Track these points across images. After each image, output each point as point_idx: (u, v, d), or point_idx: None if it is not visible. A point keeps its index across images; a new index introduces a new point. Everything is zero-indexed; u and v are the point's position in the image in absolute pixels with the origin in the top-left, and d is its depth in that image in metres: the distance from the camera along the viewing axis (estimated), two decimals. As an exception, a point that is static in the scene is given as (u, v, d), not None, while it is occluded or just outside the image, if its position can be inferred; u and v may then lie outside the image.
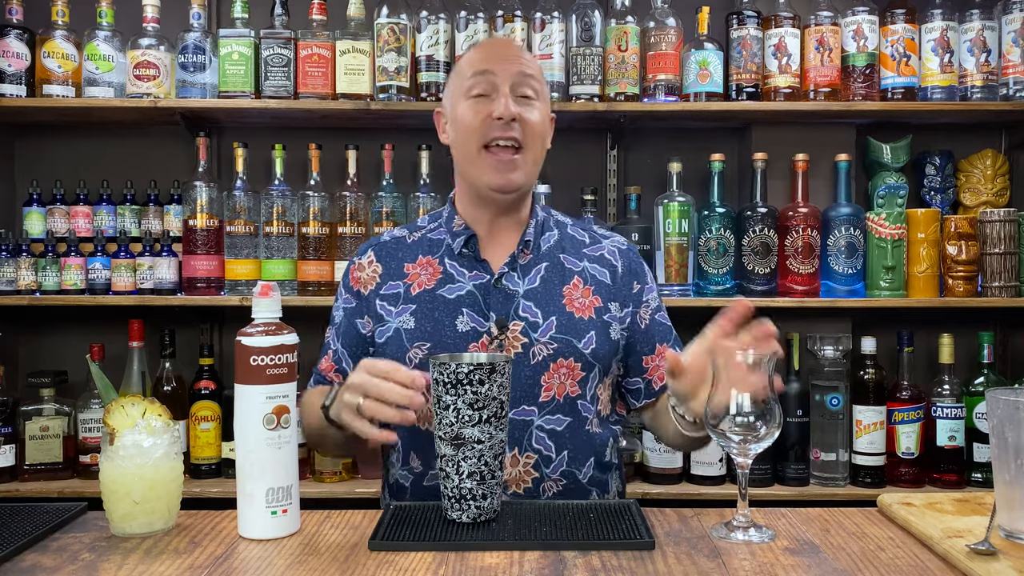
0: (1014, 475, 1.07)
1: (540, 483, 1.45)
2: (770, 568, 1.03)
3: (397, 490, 1.52)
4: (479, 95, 1.46)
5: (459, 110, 1.49)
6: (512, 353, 1.45)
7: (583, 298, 1.51)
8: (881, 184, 2.57)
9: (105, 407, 1.17)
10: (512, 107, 1.44)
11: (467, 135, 1.47)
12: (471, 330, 1.46)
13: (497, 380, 1.16)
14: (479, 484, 1.16)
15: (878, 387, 2.42)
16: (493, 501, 1.18)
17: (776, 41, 2.45)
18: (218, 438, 2.44)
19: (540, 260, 1.52)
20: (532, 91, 1.47)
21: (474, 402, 1.15)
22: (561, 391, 1.46)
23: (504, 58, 1.48)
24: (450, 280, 1.50)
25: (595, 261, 1.56)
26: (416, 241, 1.57)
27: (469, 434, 1.15)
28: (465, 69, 1.50)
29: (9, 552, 1.06)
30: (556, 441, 1.45)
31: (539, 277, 1.51)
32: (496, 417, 1.16)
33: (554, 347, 1.45)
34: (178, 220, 2.51)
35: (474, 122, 1.46)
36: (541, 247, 1.54)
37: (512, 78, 1.46)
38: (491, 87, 1.46)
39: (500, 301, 1.47)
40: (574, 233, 1.59)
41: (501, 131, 1.44)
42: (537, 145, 1.49)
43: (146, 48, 2.41)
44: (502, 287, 1.48)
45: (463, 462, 1.15)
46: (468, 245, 1.51)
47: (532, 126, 1.46)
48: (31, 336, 2.67)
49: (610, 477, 1.54)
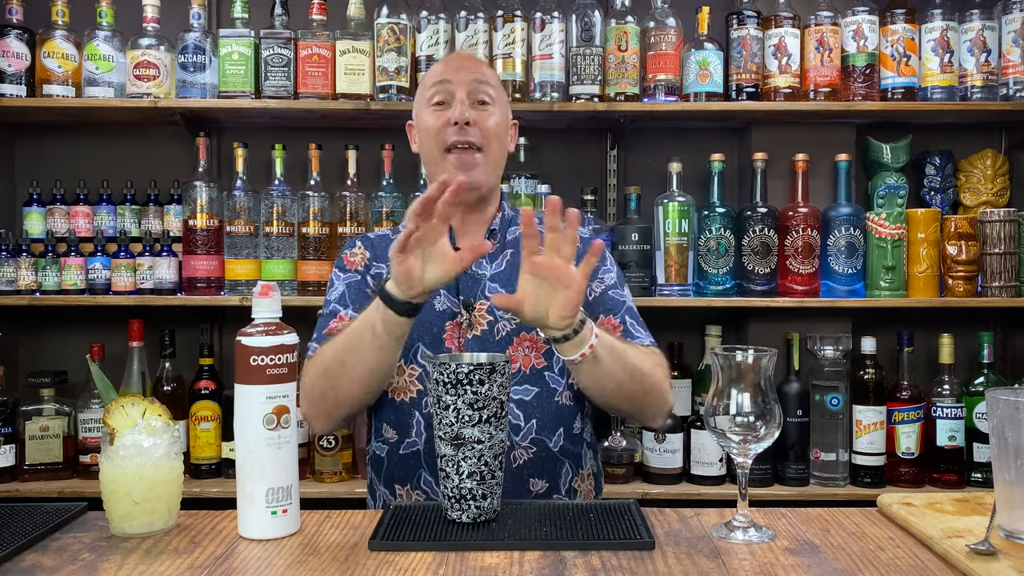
0: (1014, 475, 1.07)
1: (511, 451, 1.50)
2: (770, 568, 1.03)
3: (376, 462, 1.60)
4: (438, 103, 1.58)
5: (422, 117, 1.61)
6: (479, 331, 1.53)
7: None
8: (881, 184, 2.57)
9: (105, 407, 1.17)
10: (467, 112, 1.55)
11: (429, 140, 1.59)
12: (446, 309, 1.56)
13: (497, 380, 1.16)
14: (479, 484, 1.16)
15: (878, 387, 2.42)
16: (493, 501, 1.18)
17: (776, 41, 2.45)
18: (218, 438, 2.44)
19: (506, 248, 1.62)
20: (488, 97, 1.59)
21: (474, 402, 1.15)
22: (527, 363, 1.54)
23: (462, 68, 1.60)
24: None
25: None
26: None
27: (469, 434, 1.15)
28: (427, 81, 1.62)
29: (9, 552, 1.06)
30: (524, 410, 1.51)
31: (505, 261, 1.61)
32: (496, 417, 1.16)
33: (516, 322, 1.54)
34: (178, 220, 2.51)
35: (434, 127, 1.57)
36: (507, 238, 1.64)
37: (468, 86, 1.57)
38: (449, 95, 1.58)
39: (469, 284, 1.58)
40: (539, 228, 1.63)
41: (458, 135, 1.55)
42: (494, 146, 1.59)
43: (146, 48, 2.41)
44: (471, 272, 1.58)
45: (463, 462, 1.15)
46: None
47: (488, 129, 1.57)
48: (31, 336, 2.67)
49: (583, 452, 1.58)
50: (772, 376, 1.15)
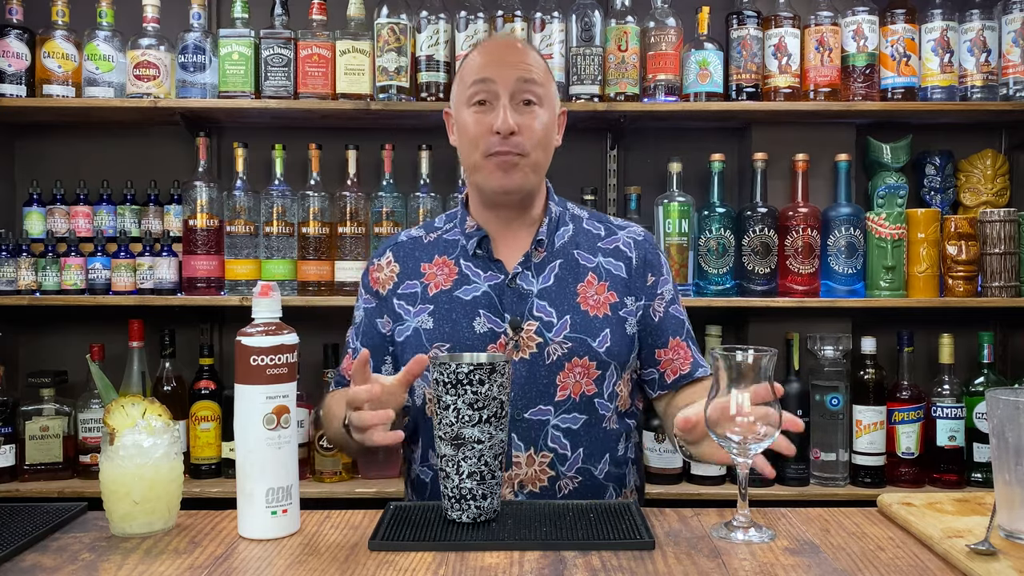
0: (1014, 475, 1.07)
1: (556, 481, 1.45)
2: (770, 568, 1.03)
3: (419, 486, 1.54)
4: (480, 103, 1.46)
5: (462, 117, 1.50)
6: (527, 353, 1.45)
7: (597, 295, 1.50)
8: (881, 184, 2.57)
9: (105, 407, 1.17)
10: (511, 120, 1.43)
11: (471, 146, 1.48)
12: (488, 331, 1.47)
13: (497, 380, 1.16)
14: (479, 484, 1.16)
15: (878, 387, 2.42)
16: (493, 501, 1.18)
17: (776, 41, 2.45)
18: (218, 438, 2.44)
19: (554, 257, 1.52)
20: (534, 96, 1.46)
21: (474, 402, 1.15)
22: (577, 390, 1.47)
23: (505, 63, 1.47)
24: (466, 281, 1.51)
25: (610, 255, 1.55)
26: (432, 241, 1.58)
27: (469, 434, 1.15)
28: (467, 73, 1.49)
29: (9, 552, 1.06)
30: (572, 440, 1.46)
31: (553, 275, 1.51)
32: (496, 417, 1.16)
33: (568, 346, 1.46)
34: (178, 220, 2.51)
35: (475, 132, 1.46)
36: (555, 244, 1.54)
37: (512, 86, 1.45)
38: (491, 95, 1.46)
39: (514, 301, 1.48)
40: (589, 227, 1.59)
41: (500, 144, 1.44)
42: (539, 150, 1.48)
43: (146, 48, 2.41)
44: (516, 287, 1.49)
45: (463, 462, 1.15)
46: (481, 246, 1.52)
47: (533, 133, 1.46)
48: (31, 336, 2.67)
49: (627, 471, 1.54)
50: (772, 376, 1.14)
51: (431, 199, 2.47)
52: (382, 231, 2.44)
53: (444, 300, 1.50)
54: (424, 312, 1.50)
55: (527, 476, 1.44)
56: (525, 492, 1.45)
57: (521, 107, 1.46)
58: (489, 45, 1.54)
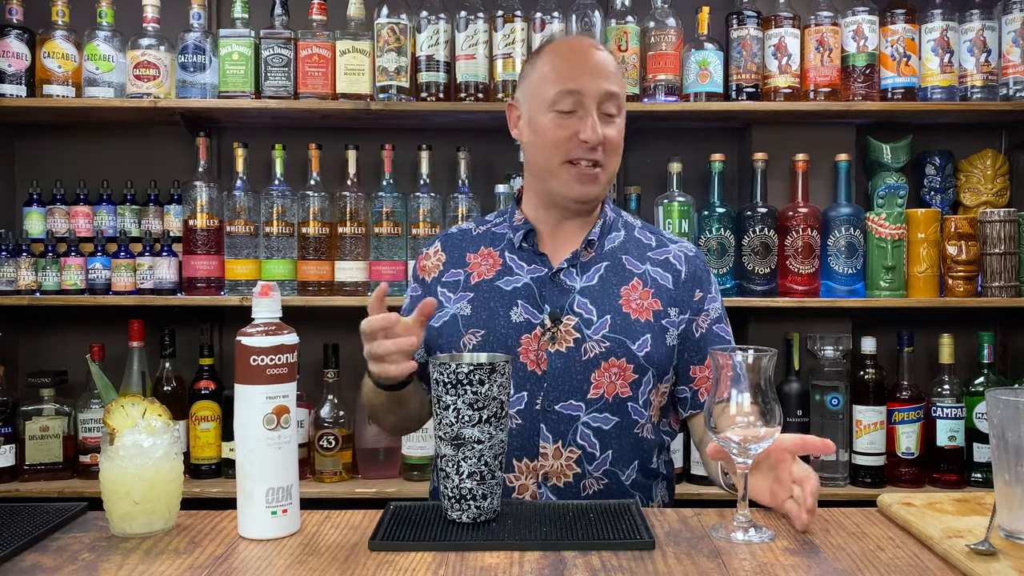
0: (1014, 475, 1.07)
1: (581, 479, 1.45)
2: (770, 568, 1.03)
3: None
4: (564, 112, 1.47)
5: (542, 120, 1.50)
6: (564, 347, 1.47)
7: (641, 300, 1.51)
8: (881, 184, 2.57)
9: (105, 407, 1.17)
10: (599, 131, 1.46)
11: (551, 149, 1.49)
12: (524, 321, 1.48)
13: (497, 380, 1.16)
14: (479, 484, 1.16)
15: (878, 387, 2.42)
16: (493, 501, 1.18)
17: (776, 41, 2.45)
18: (218, 438, 2.44)
19: (602, 259, 1.54)
20: (615, 107, 1.49)
21: (474, 402, 1.14)
22: (611, 390, 1.47)
23: (592, 73, 1.48)
24: (508, 272, 1.54)
25: (659, 265, 1.56)
26: (481, 234, 1.62)
27: (469, 434, 1.15)
28: (550, 78, 1.49)
29: (9, 552, 1.06)
30: (601, 439, 1.46)
31: (598, 275, 1.53)
32: (496, 417, 1.16)
33: (606, 345, 1.47)
34: (178, 220, 2.51)
35: (559, 138, 1.47)
36: (604, 246, 1.56)
37: (599, 98, 1.47)
38: (578, 105, 1.47)
39: (556, 295, 1.50)
40: (640, 236, 1.61)
41: (585, 153, 1.47)
42: (615, 158, 1.52)
43: (146, 48, 2.41)
44: (559, 281, 1.51)
45: (463, 462, 1.15)
46: (527, 239, 1.55)
47: (613, 143, 1.49)
48: (31, 336, 2.67)
49: (655, 485, 1.54)
50: (772, 376, 1.14)
51: (431, 199, 2.46)
52: (382, 231, 2.44)
53: (484, 289, 1.53)
54: (464, 299, 1.53)
55: (552, 469, 1.45)
56: (549, 485, 1.45)
57: (604, 119, 1.49)
58: (574, 50, 1.53)
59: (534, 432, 1.45)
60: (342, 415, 2.43)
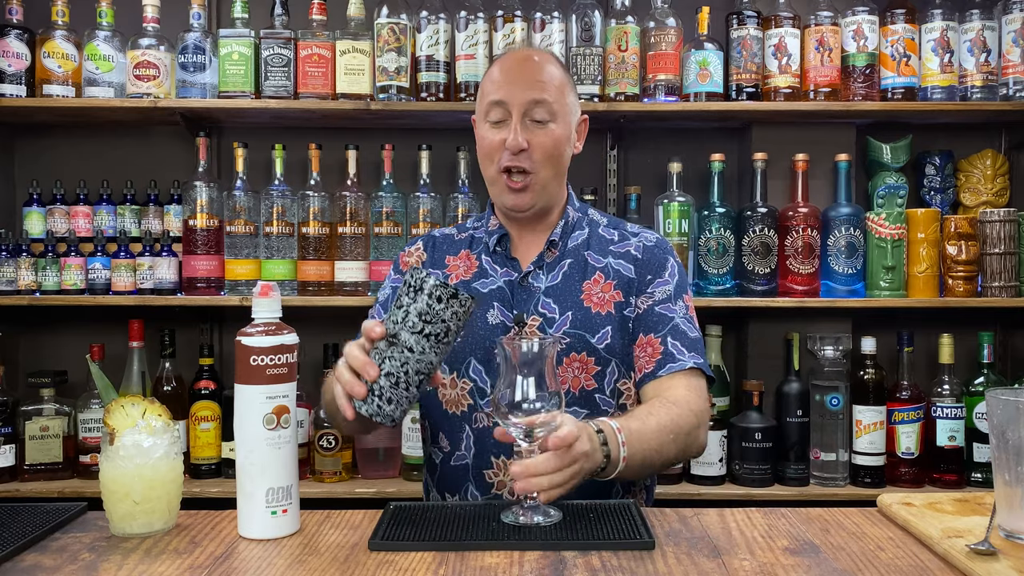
0: (1014, 475, 1.07)
1: None
2: (770, 568, 1.03)
3: (431, 466, 1.61)
4: (495, 122, 1.54)
5: (479, 131, 1.58)
6: None
7: (603, 293, 1.54)
8: (881, 184, 2.57)
9: (105, 407, 1.17)
10: (520, 139, 1.50)
11: (485, 160, 1.56)
12: (500, 323, 1.53)
13: (453, 307, 1.17)
14: (391, 387, 1.17)
15: (878, 387, 2.42)
16: (396, 410, 1.18)
17: (776, 41, 2.45)
18: (218, 438, 2.44)
19: (565, 258, 1.58)
20: (546, 113, 1.52)
21: (424, 313, 1.16)
22: (576, 384, 1.50)
23: (519, 84, 1.52)
24: (484, 275, 1.58)
25: (620, 257, 1.59)
26: (462, 239, 1.66)
27: (405, 338, 1.16)
28: (485, 90, 1.57)
29: (9, 552, 1.06)
30: None
31: (561, 273, 1.57)
32: (436, 338, 1.17)
33: (567, 342, 1.50)
34: (178, 220, 2.51)
35: (490, 147, 1.54)
36: (568, 245, 1.60)
37: (523, 107, 1.51)
38: (504, 114, 1.53)
39: (524, 298, 1.55)
40: (604, 232, 1.63)
41: (510, 160, 1.51)
42: (547, 165, 1.53)
43: (146, 48, 2.41)
44: (527, 284, 1.56)
45: (388, 360, 1.17)
46: (500, 243, 1.60)
47: (542, 149, 1.52)
48: (31, 336, 2.67)
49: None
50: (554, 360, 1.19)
51: (431, 199, 2.47)
52: (382, 231, 2.45)
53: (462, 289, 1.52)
54: None
55: None
56: None
57: (532, 125, 1.52)
58: (506, 61, 1.59)
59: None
60: (342, 415, 2.43)
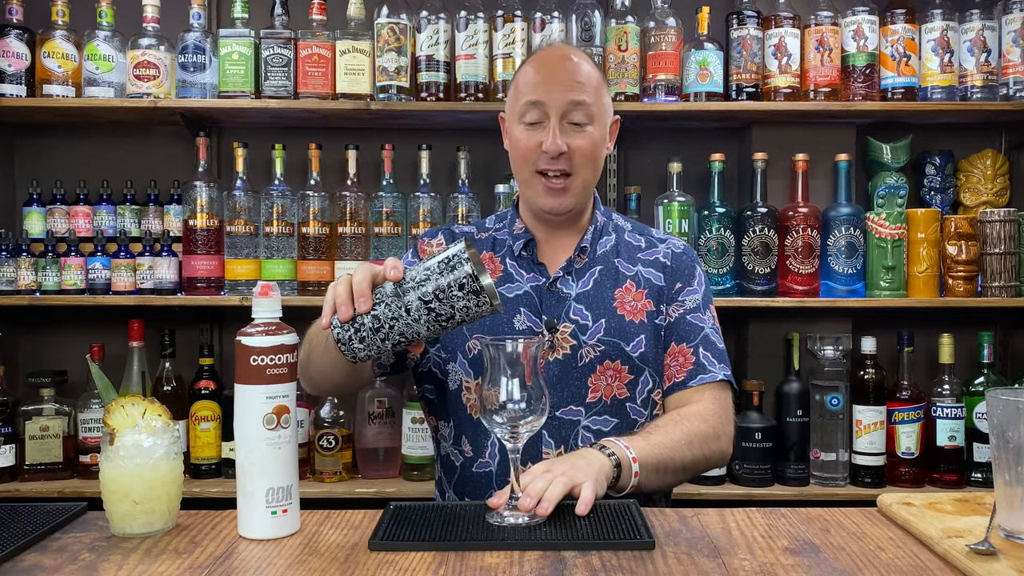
0: (1014, 475, 1.07)
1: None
2: (770, 568, 1.03)
3: (448, 467, 1.58)
4: (531, 123, 1.50)
5: (514, 132, 1.53)
6: (561, 355, 1.49)
7: (635, 301, 1.54)
8: (881, 184, 2.57)
9: (105, 407, 1.17)
10: (559, 141, 1.47)
11: (521, 161, 1.53)
12: (527, 329, 1.51)
13: (471, 302, 1.17)
14: (371, 331, 1.19)
15: (878, 387, 2.42)
16: (362, 351, 1.21)
17: (776, 41, 2.45)
18: (218, 438, 2.44)
19: (595, 264, 1.57)
20: (584, 116, 1.49)
21: (441, 291, 1.17)
22: (608, 393, 1.49)
23: (557, 84, 1.49)
24: (509, 280, 1.55)
25: (650, 265, 1.58)
26: (483, 239, 1.63)
27: (410, 300, 1.18)
28: (521, 89, 1.52)
29: (9, 552, 1.06)
30: None
31: (592, 280, 1.55)
32: (438, 318, 1.18)
33: (601, 349, 1.49)
34: (178, 220, 2.51)
35: (527, 149, 1.50)
36: (597, 251, 1.58)
37: (562, 108, 1.48)
38: (542, 116, 1.49)
39: (553, 303, 1.53)
40: (631, 239, 1.63)
41: (549, 163, 1.49)
42: (587, 168, 1.52)
43: (146, 48, 2.41)
44: (556, 290, 1.54)
45: (383, 305, 1.19)
46: (527, 248, 1.57)
47: (581, 152, 1.49)
48: (31, 336, 2.67)
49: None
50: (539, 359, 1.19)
51: (431, 199, 2.47)
52: (382, 231, 2.45)
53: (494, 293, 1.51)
54: None
55: None
56: None
57: (570, 127, 1.49)
58: (543, 59, 1.56)
59: (536, 438, 1.46)
60: (342, 415, 2.43)
